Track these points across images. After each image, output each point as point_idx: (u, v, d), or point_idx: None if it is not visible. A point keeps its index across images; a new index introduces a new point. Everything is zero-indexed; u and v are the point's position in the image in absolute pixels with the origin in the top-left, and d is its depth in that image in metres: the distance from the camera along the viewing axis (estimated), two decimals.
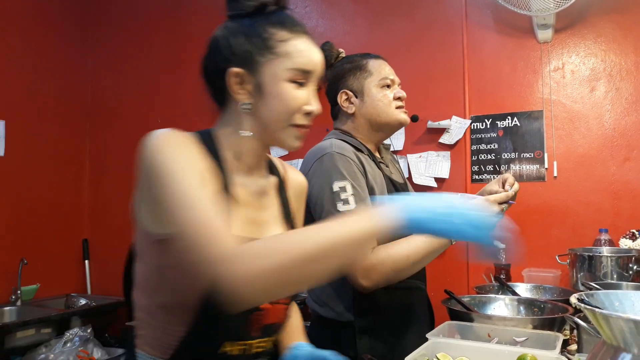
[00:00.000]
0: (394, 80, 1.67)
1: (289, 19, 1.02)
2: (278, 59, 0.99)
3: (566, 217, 2.56)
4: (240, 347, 0.99)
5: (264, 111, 1.00)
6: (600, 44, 2.58)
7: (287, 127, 1.01)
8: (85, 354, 2.86)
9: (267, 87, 0.99)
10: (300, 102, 1.00)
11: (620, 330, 0.77)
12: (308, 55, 1.01)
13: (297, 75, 0.99)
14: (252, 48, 0.99)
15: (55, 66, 3.62)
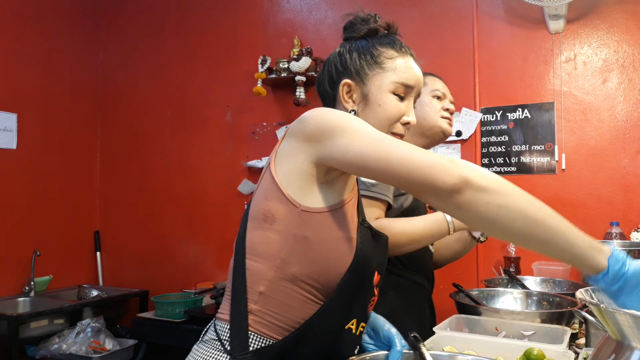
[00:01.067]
0: (445, 95, 1.79)
1: (397, 41, 1.17)
2: (385, 72, 1.12)
3: (577, 210, 2.54)
4: (361, 328, 1.03)
5: (368, 118, 1.10)
6: (613, 34, 2.55)
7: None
8: (97, 344, 2.90)
9: (372, 97, 1.11)
10: (400, 112, 1.12)
11: (624, 325, 0.77)
12: (411, 72, 1.14)
13: (399, 88, 1.12)
14: (364, 63, 1.13)
15: (67, 59, 3.64)
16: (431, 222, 1.47)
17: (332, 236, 0.96)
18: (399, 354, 0.99)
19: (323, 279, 0.96)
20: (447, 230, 1.49)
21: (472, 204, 0.87)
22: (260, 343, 0.95)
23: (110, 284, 3.70)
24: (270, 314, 0.96)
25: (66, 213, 3.60)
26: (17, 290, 3.23)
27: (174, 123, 3.62)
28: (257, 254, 0.98)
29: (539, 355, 1.14)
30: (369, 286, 1.02)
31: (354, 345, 1.02)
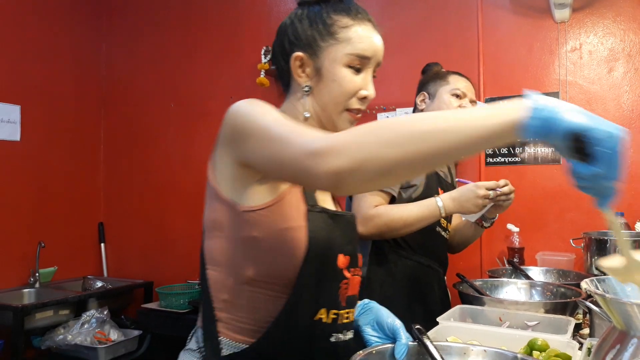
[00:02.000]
0: (465, 94, 1.86)
1: (353, 7, 1.07)
2: (339, 44, 1.03)
3: (581, 201, 2.53)
4: (333, 315, 1.00)
5: (322, 94, 1.05)
6: (620, 23, 2.52)
7: (342, 111, 1.05)
8: (102, 335, 2.92)
9: (325, 71, 1.04)
10: (356, 86, 1.04)
11: (629, 315, 0.77)
12: (368, 42, 1.05)
13: (355, 60, 1.03)
14: (315, 33, 1.04)
15: (70, 51, 3.63)
16: (424, 206, 1.62)
17: (279, 230, 0.94)
18: (405, 346, 0.98)
19: (281, 275, 0.95)
20: (439, 214, 1.63)
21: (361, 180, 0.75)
22: (233, 348, 0.96)
23: (115, 275, 3.72)
24: (237, 319, 0.96)
25: (70, 205, 3.61)
26: (22, 282, 3.25)
27: (178, 115, 3.62)
28: (214, 262, 0.99)
29: (543, 345, 1.14)
30: (333, 271, 0.99)
31: (328, 334, 1.00)
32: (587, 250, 2.09)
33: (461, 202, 1.63)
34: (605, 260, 0.79)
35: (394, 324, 1.04)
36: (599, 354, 0.84)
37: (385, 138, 0.73)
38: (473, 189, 1.63)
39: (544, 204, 2.59)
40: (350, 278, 1.04)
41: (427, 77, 1.96)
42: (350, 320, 1.06)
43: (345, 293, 1.03)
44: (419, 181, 1.74)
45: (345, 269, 1.02)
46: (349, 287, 1.03)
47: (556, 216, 2.56)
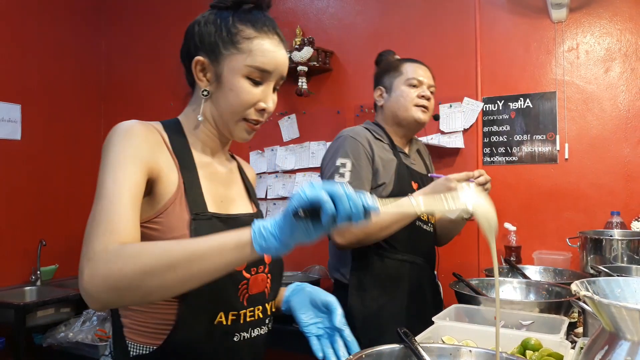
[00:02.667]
0: (422, 82, 1.84)
1: (260, 19, 1.07)
2: (240, 54, 1.04)
3: (578, 200, 2.55)
4: (232, 316, 1.03)
5: (220, 101, 1.07)
6: (616, 23, 2.54)
7: (239, 120, 1.07)
8: (102, 333, 2.94)
9: (225, 79, 1.05)
10: (253, 98, 1.05)
11: (616, 317, 0.78)
12: (269, 56, 1.05)
13: (254, 72, 1.04)
14: (219, 40, 1.05)
15: (70, 49, 3.65)
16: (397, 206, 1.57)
17: (164, 239, 0.97)
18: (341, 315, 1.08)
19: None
20: (414, 212, 1.55)
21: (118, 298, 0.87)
22: (139, 350, 1.00)
23: None
24: (139, 323, 1.01)
25: (71, 203, 3.63)
26: (23, 280, 3.27)
27: (177, 113, 3.62)
28: None
29: (536, 345, 1.16)
30: (228, 275, 0.96)
31: (231, 334, 1.03)
32: (583, 249, 2.11)
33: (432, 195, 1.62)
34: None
35: (327, 299, 1.11)
36: (588, 354, 0.87)
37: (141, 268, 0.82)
38: (444, 182, 1.61)
39: (541, 203, 2.61)
40: (251, 278, 1.06)
41: (380, 70, 1.93)
42: (257, 318, 1.08)
43: (246, 293, 1.05)
44: (388, 178, 1.74)
45: (243, 271, 1.04)
46: (249, 287, 1.06)
47: (553, 215, 2.58)
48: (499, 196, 2.72)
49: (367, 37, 3.01)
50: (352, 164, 1.67)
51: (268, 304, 1.12)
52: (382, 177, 1.73)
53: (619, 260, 1.97)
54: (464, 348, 1.03)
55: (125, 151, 0.96)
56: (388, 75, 1.87)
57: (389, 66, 1.90)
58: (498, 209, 2.90)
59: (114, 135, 0.99)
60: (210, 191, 1.08)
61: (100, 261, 0.85)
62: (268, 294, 1.11)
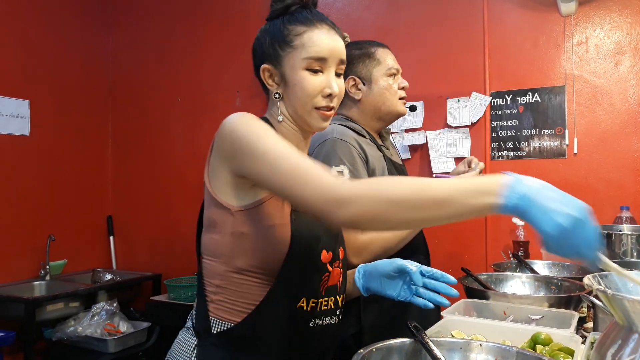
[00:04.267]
0: (398, 70, 1.73)
1: (306, 15, 1.15)
2: (295, 51, 1.12)
3: (587, 195, 2.53)
4: (312, 303, 1.11)
5: (290, 98, 1.15)
6: (626, 16, 2.51)
7: (311, 110, 1.14)
8: (111, 327, 2.96)
9: (289, 77, 1.13)
10: (318, 86, 1.12)
11: (630, 311, 0.78)
12: (320, 44, 1.12)
13: (312, 63, 1.12)
14: (276, 45, 1.14)
15: (77, 45, 3.66)
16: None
17: (264, 227, 1.06)
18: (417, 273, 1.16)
19: (266, 266, 1.07)
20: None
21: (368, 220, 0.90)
22: (222, 327, 1.09)
23: (124, 267, 3.76)
24: (227, 301, 1.09)
25: (79, 198, 3.65)
26: (33, 274, 3.29)
27: (185, 108, 3.64)
28: (209, 253, 1.13)
29: (546, 339, 1.16)
30: (316, 265, 1.11)
31: (307, 319, 1.11)
32: None
33: None
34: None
35: (396, 265, 1.19)
36: (600, 348, 0.86)
37: (396, 199, 0.87)
38: None
39: None
40: (332, 271, 1.15)
41: (350, 57, 1.68)
42: (330, 308, 1.16)
43: (326, 284, 1.14)
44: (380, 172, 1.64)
45: (327, 263, 1.14)
46: (329, 279, 1.14)
47: None
48: None
49: (374, 32, 2.99)
50: (349, 170, 1.54)
51: (340, 296, 1.20)
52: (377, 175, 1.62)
53: (629, 255, 1.96)
54: (474, 342, 1.02)
55: (264, 128, 1.02)
56: (363, 64, 1.70)
57: (363, 54, 1.72)
58: None
59: (244, 118, 1.04)
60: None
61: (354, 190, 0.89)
62: (340, 287, 1.19)
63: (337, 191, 0.89)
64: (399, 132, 2.90)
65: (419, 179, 0.90)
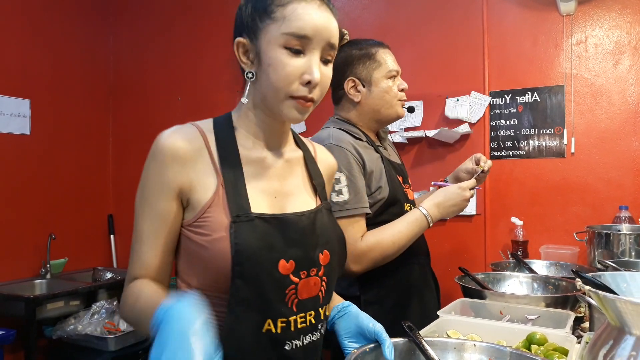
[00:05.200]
0: (398, 72, 1.70)
1: None
2: (274, 23, 0.94)
3: (586, 194, 2.54)
4: (282, 324, 0.96)
5: (262, 80, 0.97)
6: (626, 15, 2.51)
7: (285, 99, 0.96)
8: (111, 325, 2.97)
9: (263, 54, 0.96)
10: (295, 70, 0.94)
11: (621, 312, 0.78)
12: (306, 19, 0.94)
13: (291, 40, 0.93)
14: (255, 14, 0.97)
15: (78, 45, 3.66)
16: (412, 223, 1.54)
17: (204, 242, 0.95)
18: (391, 347, 0.98)
19: (216, 286, 0.95)
20: (427, 225, 1.56)
21: None
22: None
23: (124, 266, 3.75)
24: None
25: (80, 197, 3.66)
26: (33, 273, 3.30)
27: (185, 108, 3.65)
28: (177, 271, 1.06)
29: (542, 339, 1.16)
30: (274, 280, 0.94)
31: (281, 343, 0.96)
32: (590, 244, 2.10)
33: (447, 206, 1.57)
34: None
35: (374, 329, 1.02)
36: (593, 349, 0.87)
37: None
38: (460, 192, 1.57)
39: (549, 197, 2.60)
40: (301, 282, 0.97)
41: (350, 57, 1.67)
42: (309, 324, 1.00)
43: (295, 299, 0.97)
44: (382, 182, 1.60)
45: (290, 274, 0.96)
46: (297, 291, 0.97)
47: (560, 209, 2.57)
48: (506, 190, 2.72)
49: (373, 31, 2.99)
50: (346, 177, 1.51)
51: (322, 307, 1.03)
52: (375, 181, 1.60)
53: (627, 255, 1.96)
54: (468, 342, 1.03)
55: (150, 176, 1.03)
56: (363, 65, 1.65)
57: (363, 55, 1.66)
58: (505, 203, 2.96)
59: (150, 153, 1.04)
60: (261, 188, 1.02)
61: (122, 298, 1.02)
62: (322, 298, 1.02)
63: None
64: (398, 130, 2.90)
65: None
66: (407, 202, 1.67)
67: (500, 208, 2.70)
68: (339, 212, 1.46)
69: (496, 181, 2.70)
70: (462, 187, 1.58)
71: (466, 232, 2.77)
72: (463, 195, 1.57)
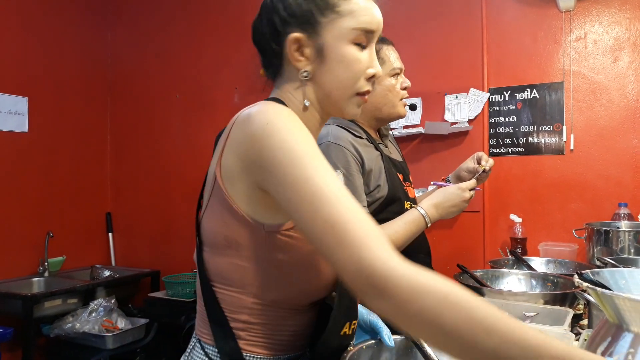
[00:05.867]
0: (402, 69, 1.68)
1: None
2: (341, 18, 0.89)
3: (585, 191, 2.53)
4: (353, 326, 0.94)
5: (326, 78, 0.91)
6: (625, 11, 2.50)
7: (352, 96, 0.93)
8: (109, 323, 2.96)
9: (330, 51, 0.89)
10: (364, 66, 0.91)
11: (620, 309, 0.78)
12: (372, 13, 0.91)
13: (361, 36, 0.90)
14: (313, 7, 0.89)
15: (76, 41, 3.65)
16: (409, 223, 1.51)
17: (307, 252, 0.85)
18: (389, 335, 0.98)
19: (308, 297, 0.90)
20: (425, 225, 1.54)
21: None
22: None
23: (122, 264, 3.77)
24: (261, 334, 0.89)
25: (78, 195, 3.65)
26: (31, 271, 3.30)
27: (183, 105, 3.64)
28: (228, 283, 0.88)
29: None
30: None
31: (349, 344, 0.95)
32: (589, 241, 2.10)
33: (446, 207, 1.55)
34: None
35: (370, 318, 1.01)
36: (591, 346, 0.86)
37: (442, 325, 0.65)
38: (459, 193, 1.56)
39: (547, 194, 2.59)
40: None
41: None
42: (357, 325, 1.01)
43: (358, 301, 0.96)
44: (381, 180, 1.59)
45: None
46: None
47: (559, 207, 2.57)
48: (505, 187, 2.71)
49: None
50: (343, 175, 1.50)
51: None
52: (374, 180, 1.58)
53: (626, 252, 1.96)
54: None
55: (308, 145, 0.78)
56: None
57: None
58: (504, 201, 2.94)
59: (276, 120, 0.80)
60: None
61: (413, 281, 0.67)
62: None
63: (377, 273, 0.66)
64: (397, 127, 2.89)
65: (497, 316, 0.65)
66: (408, 200, 1.66)
67: (499, 205, 2.70)
68: None
69: (495, 178, 2.69)
70: (462, 187, 1.57)
71: (465, 230, 2.77)
72: (462, 196, 1.55)
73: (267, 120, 0.79)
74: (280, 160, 0.76)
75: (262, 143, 0.78)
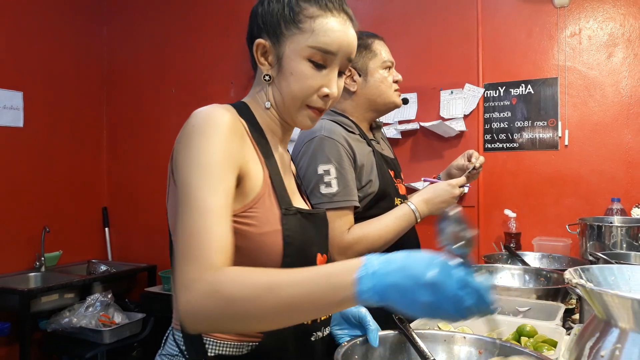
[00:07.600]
0: (393, 63, 1.72)
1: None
2: (301, 34, 0.96)
3: (578, 186, 2.55)
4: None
5: (281, 86, 0.99)
6: (620, 7, 2.51)
7: (301, 108, 0.99)
8: (106, 318, 2.97)
9: (286, 62, 0.97)
10: (316, 83, 0.97)
11: (607, 305, 0.79)
12: (333, 36, 0.96)
13: (316, 54, 0.96)
14: (281, 20, 0.97)
15: (71, 36, 3.64)
16: (400, 218, 1.55)
17: (256, 235, 0.91)
18: (376, 331, 1.00)
19: None
20: (415, 220, 1.57)
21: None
22: (219, 348, 0.94)
23: (119, 259, 3.77)
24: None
25: (74, 190, 3.65)
26: (28, 266, 3.30)
27: (179, 99, 3.63)
28: None
29: (531, 331, 1.17)
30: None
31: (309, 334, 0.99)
32: (582, 236, 2.11)
33: (435, 203, 1.58)
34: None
35: (359, 313, 1.04)
36: (580, 341, 0.87)
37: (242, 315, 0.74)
38: (449, 190, 1.59)
39: (542, 189, 2.61)
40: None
41: None
42: (327, 317, 1.04)
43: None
44: (373, 175, 1.61)
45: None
46: None
47: (553, 202, 2.58)
48: (499, 182, 2.73)
49: (368, 23, 2.98)
50: (335, 169, 1.51)
51: None
52: (366, 175, 1.60)
53: (619, 247, 1.98)
54: (458, 334, 1.04)
55: (215, 149, 0.85)
56: (359, 55, 1.66)
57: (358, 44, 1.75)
58: (498, 196, 2.97)
59: (200, 125, 0.88)
60: (287, 183, 1.01)
61: (196, 292, 0.75)
62: None
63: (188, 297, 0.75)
64: (393, 123, 2.90)
65: (269, 275, 0.76)
66: (398, 197, 1.67)
67: (494, 200, 2.71)
68: (327, 204, 1.46)
69: (490, 173, 2.71)
70: (452, 184, 1.61)
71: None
72: (452, 192, 1.59)
73: (196, 123, 0.88)
74: (183, 162, 0.86)
75: (183, 142, 0.88)
